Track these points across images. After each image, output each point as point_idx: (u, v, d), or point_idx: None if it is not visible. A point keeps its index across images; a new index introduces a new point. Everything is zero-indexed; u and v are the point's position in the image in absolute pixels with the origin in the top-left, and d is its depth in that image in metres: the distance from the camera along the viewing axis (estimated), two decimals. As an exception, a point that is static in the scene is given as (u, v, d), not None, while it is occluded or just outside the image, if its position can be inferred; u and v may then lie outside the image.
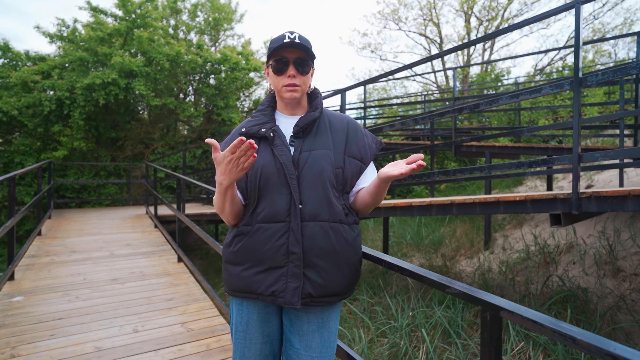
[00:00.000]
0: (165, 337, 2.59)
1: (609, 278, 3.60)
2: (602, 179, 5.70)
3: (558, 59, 14.96)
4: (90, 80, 7.99)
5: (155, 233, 5.76)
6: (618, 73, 1.94)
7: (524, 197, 2.23)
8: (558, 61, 14.91)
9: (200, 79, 11.13)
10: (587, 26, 14.85)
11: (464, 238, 5.44)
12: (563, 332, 0.75)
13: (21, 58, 8.92)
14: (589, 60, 15.32)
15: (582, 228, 4.47)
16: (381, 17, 16.85)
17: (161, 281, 3.71)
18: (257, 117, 1.25)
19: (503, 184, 7.48)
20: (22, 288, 3.38)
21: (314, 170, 1.16)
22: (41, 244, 4.87)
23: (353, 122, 1.31)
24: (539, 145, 5.35)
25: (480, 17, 15.44)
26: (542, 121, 7.97)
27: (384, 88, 18.12)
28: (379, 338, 3.13)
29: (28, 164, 8.34)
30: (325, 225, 1.15)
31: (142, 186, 9.65)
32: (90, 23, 8.98)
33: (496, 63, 14.14)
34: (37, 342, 2.44)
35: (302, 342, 1.20)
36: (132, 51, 9.43)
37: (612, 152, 1.96)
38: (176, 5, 11.11)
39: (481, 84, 12.59)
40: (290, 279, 1.13)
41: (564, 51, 15.10)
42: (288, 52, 1.17)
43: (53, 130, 8.50)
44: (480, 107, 2.44)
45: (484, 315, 0.91)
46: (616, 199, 1.93)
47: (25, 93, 8.25)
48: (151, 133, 10.42)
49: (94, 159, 9.54)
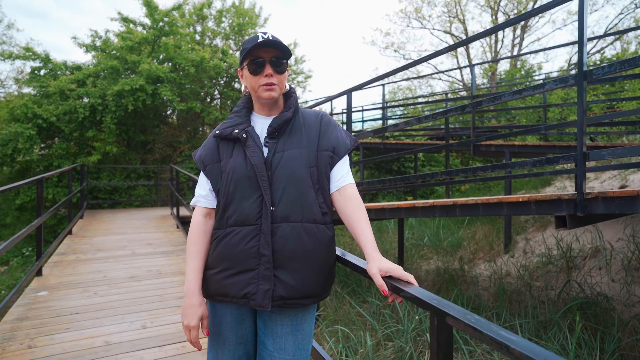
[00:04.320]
0: (171, 334, 2.68)
1: (637, 285, 3.35)
2: (638, 179, 5.32)
3: (595, 52, 14.09)
4: (120, 87, 8.41)
5: (176, 233, 5.97)
6: (625, 65, 1.81)
7: (527, 198, 2.13)
8: (595, 54, 14.04)
9: (225, 82, 11.43)
10: (628, 15, 13.90)
11: (484, 241, 5.24)
12: (498, 339, 0.72)
13: (60, 68, 9.53)
14: (631, 52, 14.33)
15: (611, 231, 4.20)
16: (404, 16, 16.59)
17: (175, 279, 3.84)
18: (231, 119, 1.26)
19: (530, 185, 7.14)
20: (48, 283, 3.60)
21: (287, 170, 1.15)
22: (70, 242, 5.17)
23: (326, 117, 1.30)
24: (561, 143, 5.08)
25: (507, 11, 14.84)
26: (573, 117, 7.55)
27: (409, 88, 17.80)
28: (384, 342, 3.09)
29: (65, 167, 8.89)
30: (297, 227, 1.14)
31: (169, 188, 10.03)
32: (121, 32, 9.46)
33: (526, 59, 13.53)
34: (54, 335, 2.60)
35: (275, 344, 1.19)
36: (160, 58, 9.83)
37: (620, 150, 1.83)
38: (202, 12, 11.48)
39: (510, 80, 12.10)
40: (262, 281, 1.13)
41: (602, 43, 14.22)
42: (263, 51, 1.17)
43: (87, 135, 9.01)
44: (482, 105, 2.36)
45: (432, 320, 0.89)
46: (624, 200, 1.80)
47: (62, 101, 8.81)
48: (178, 136, 10.81)
49: (125, 161, 10.02)
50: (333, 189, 1.23)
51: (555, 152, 4.82)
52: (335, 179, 1.23)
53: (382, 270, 1.06)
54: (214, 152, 1.25)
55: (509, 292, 3.68)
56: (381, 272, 1.06)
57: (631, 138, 7.23)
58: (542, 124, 6.16)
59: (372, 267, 1.07)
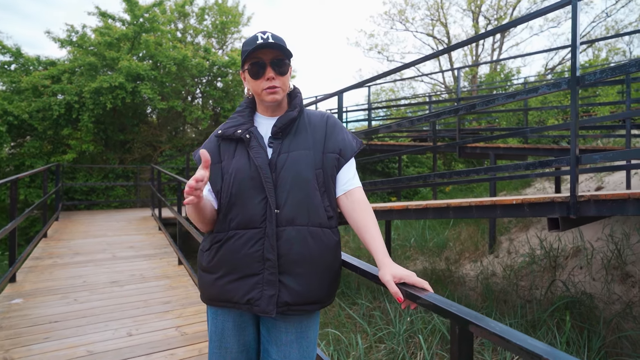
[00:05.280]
0: (158, 341, 2.58)
1: (616, 283, 3.47)
2: (612, 181, 5.53)
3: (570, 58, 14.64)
4: (98, 84, 8.11)
5: (158, 235, 5.80)
6: (617, 71, 1.86)
7: (521, 200, 2.16)
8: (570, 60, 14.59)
9: (208, 81, 11.22)
10: (599, 24, 14.52)
11: (469, 241, 5.33)
12: (530, 349, 0.70)
13: (32, 63, 9.10)
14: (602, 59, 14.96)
15: (590, 232, 4.34)
16: (388, 18, 16.77)
17: (160, 284, 3.71)
18: (234, 119, 1.22)
19: (511, 186, 7.33)
20: (23, 290, 3.42)
21: (292, 172, 1.12)
22: (46, 246, 4.94)
23: (332, 118, 1.27)
24: (544, 146, 5.23)
25: (488, 16, 15.23)
26: (552, 121, 7.79)
27: (392, 89, 18.00)
28: (376, 344, 3.07)
29: (38, 166, 8.50)
30: (303, 230, 1.11)
31: (149, 188, 9.76)
32: (99, 28, 9.13)
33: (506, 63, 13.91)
34: (31, 345, 2.45)
35: (280, 352, 1.16)
36: (140, 55, 9.55)
37: (612, 154, 1.88)
38: (184, 9, 11.23)
39: (490, 84, 12.40)
40: (266, 286, 1.10)
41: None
42: (263, 53, 1.13)
43: (62, 133, 8.65)
44: (476, 107, 2.38)
45: (453, 328, 0.86)
46: (615, 203, 1.85)
47: (35, 97, 8.41)
48: (159, 136, 10.53)
49: (103, 161, 9.68)
50: (340, 192, 1.21)
51: (538, 154, 4.95)
52: (342, 182, 1.21)
53: (395, 277, 1.03)
54: (214, 152, 1.21)
55: (495, 292, 3.74)
56: (395, 279, 1.03)
57: (605, 141, 7.54)
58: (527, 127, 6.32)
59: (385, 274, 1.05)
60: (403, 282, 1.03)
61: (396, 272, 1.04)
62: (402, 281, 1.03)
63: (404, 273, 1.04)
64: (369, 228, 1.15)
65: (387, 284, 1.03)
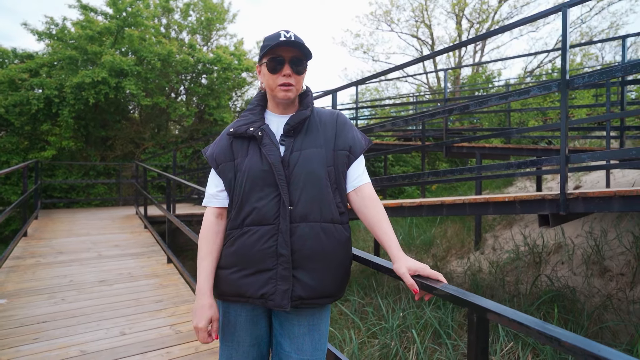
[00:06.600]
0: (153, 340, 2.54)
1: (596, 278, 3.64)
2: (589, 180, 5.78)
3: (547, 62, 15.16)
4: (80, 79, 7.87)
5: (145, 234, 5.69)
6: (604, 75, 1.96)
7: (513, 198, 2.25)
8: (547, 63, 15.11)
9: (192, 78, 11.05)
10: (575, 30, 15.08)
11: (455, 238, 5.47)
12: (549, 334, 0.75)
13: (8, 55, 8.76)
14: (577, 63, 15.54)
15: (570, 228, 4.52)
16: (373, 19, 16.93)
17: (150, 282, 3.65)
18: (245, 117, 1.23)
19: (493, 185, 7.54)
20: (5, 290, 3.30)
21: (305, 169, 1.14)
22: (27, 245, 4.77)
23: (342, 116, 1.29)
24: (528, 146, 5.41)
25: (471, 19, 15.59)
26: (532, 122, 8.06)
27: (377, 89, 18.18)
28: (369, 339, 3.13)
29: (14, 163, 8.19)
30: (316, 226, 1.13)
31: (132, 186, 9.54)
32: (80, 21, 8.85)
33: (487, 65, 14.27)
34: (20, 347, 2.38)
35: (293, 345, 1.18)
36: (123, 50, 9.32)
37: (599, 154, 1.98)
38: (168, 4, 11.02)
39: (472, 85, 12.70)
40: (280, 281, 1.11)
41: (553, 54, 15.30)
42: (284, 50, 1.15)
43: (41, 129, 8.36)
44: (470, 108, 2.45)
45: (470, 317, 0.91)
46: (602, 200, 1.95)
47: (12, 91, 8.10)
48: (142, 132, 10.31)
49: (83, 158, 9.41)
50: (349, 188, 1.24)
51: (522, 154, 5.13)
52: (351, 178, 1.24)
53: (410, 270, 1.07)
54: (227, 150, 1.22)
55: (483, 287, 3.86)
56: (410, 272, 1.07)
57: (581, 142, 7.85)
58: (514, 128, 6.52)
59: (401, 266, 1.08)
60: (418, 274, 1.07)
61: (411, 264, 1.08)
62: (417, 273, 1.07)
63: (418, 266, 1.08)
64: (381, 223, 1.18)
65: (403, 277, 1.07)
